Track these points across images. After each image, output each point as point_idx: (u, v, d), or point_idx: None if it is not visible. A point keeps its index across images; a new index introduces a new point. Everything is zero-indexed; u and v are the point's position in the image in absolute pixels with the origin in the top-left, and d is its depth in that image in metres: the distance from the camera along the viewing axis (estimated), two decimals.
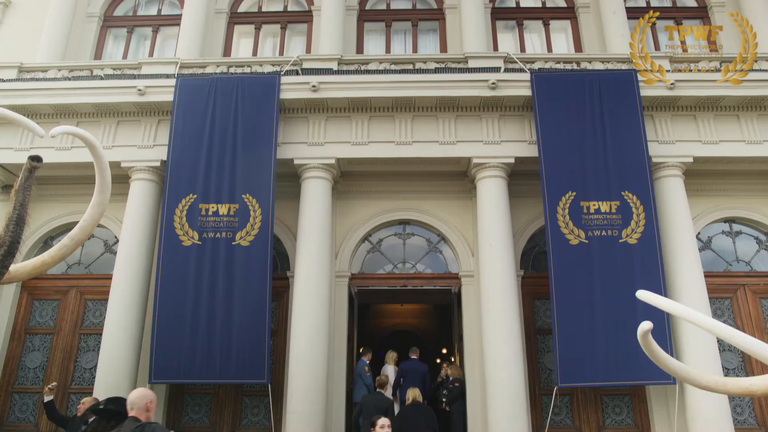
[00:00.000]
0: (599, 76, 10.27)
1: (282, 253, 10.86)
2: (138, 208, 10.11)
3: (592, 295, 9.24)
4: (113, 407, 4.44)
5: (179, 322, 9.26)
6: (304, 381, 8.93)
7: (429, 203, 11.05)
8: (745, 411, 10.01)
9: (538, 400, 9.94)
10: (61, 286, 10.98)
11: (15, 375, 10.51)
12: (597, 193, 9.66)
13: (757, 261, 11.01)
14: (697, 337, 9.01)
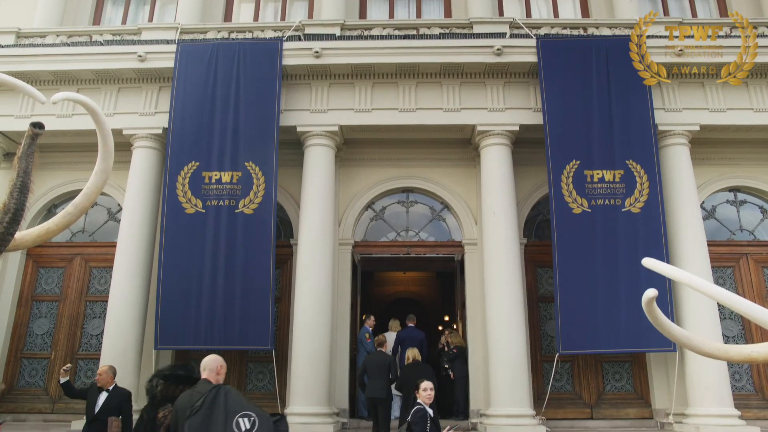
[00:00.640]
0: (606, 41, 10.10)
1: (285, 221, 10.87)
2: (141, 176, 10.09)
3: (594, 263, 9.27)
4: (182, 372, 4.65)
5: (183, 289, 9.34)
6: (308, 347, 9.03)
7: (432, 171, 11.00)
8: (743, 378, 10.14)
9: (539, 367, 10.06)
10: (66, 253, 11.05)
11: (23, 341, 10.66)
12: (601, 161, 9.60)
13: (761, 230, 11.00)
14: (698, 305, 9.06)
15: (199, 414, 3.75)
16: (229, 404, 3.84)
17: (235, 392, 4.06)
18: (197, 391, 4.02)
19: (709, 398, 8.81)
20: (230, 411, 3.80)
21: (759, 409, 9.85)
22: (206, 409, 3.78)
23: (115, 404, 6.50)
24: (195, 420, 3.72)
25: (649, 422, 9.75)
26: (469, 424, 9.55)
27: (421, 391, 5.57)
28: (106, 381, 6.71)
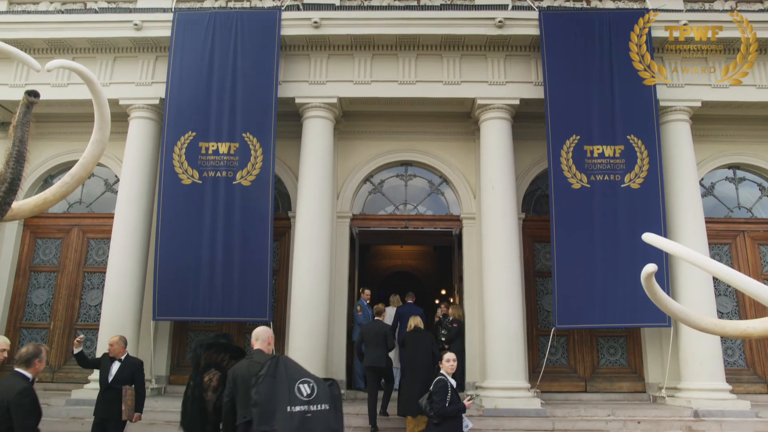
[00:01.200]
0: (610, 15, 9.96)
1: (283, 193, 10.84)
2: (138, 147, 10.00)
3: (592, 238, 9.29)
4: (224, 341, 5.10)
5: (181, 261, 9.35)
6: (306, 320, 9.09)
7: (431, 144, 10.94)
8: (735, 353, 10.27)
9: (535, 341, 10.16)
10: (63, 224, 11.02)
11: (22, 311, 10.70)
12: (602, 136, 9.55)
13: (758, 208, 11.01)
14: (694, 282, 9.13)
15: (265, 381, 4.09)
16: (289, 372, 4.20)
17: (291, 361, 4.42)
18: (255, 361, 4.42)
19: (701, 373, 8.94)
20: (291, 378, 4.16)
21: (750, 383, 10.01)
22: (270, 377, 4.11)
23: (128, 373, 6.61)
24: (262, 387, 4.07)
25: (642, 396, 9.91)
26: (464, 396, 9.66)
27: (444, 362, 5.68)
28: (117, 351, 6.79)
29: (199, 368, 4.85)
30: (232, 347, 5.06)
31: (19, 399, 3.98)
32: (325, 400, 4.17)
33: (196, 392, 4.63)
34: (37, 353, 4.37)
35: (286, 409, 4.03)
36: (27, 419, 3.98)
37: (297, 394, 4.09)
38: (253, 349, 4.70)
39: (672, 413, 8.60)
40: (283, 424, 3.97)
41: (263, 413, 4.03)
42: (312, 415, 4.07)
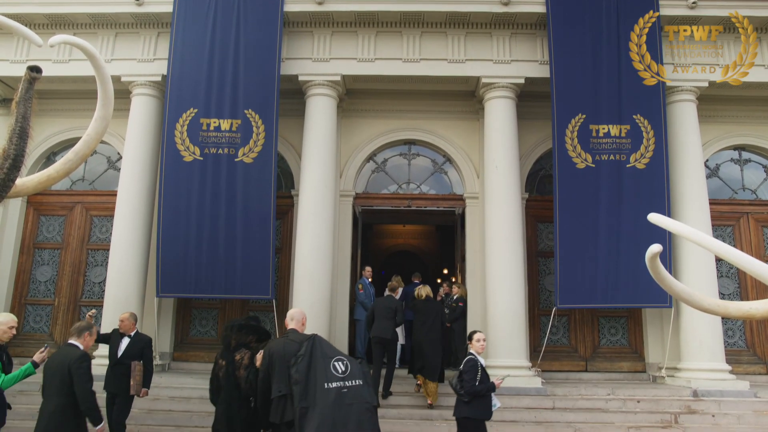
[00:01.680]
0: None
1: (286, 172, 10.82)
2: (140, 124, 9.96)
3: (595, 219, 9.28)
4: (254, 323, 5.45)
5: (183, 238, 9.37)
6: (309, 297, 9.12)
7: (435, 123, 10.88)
8: (735, 334, 10.32)
9: (536, 320, 10.22)
10: (67, 201, 11.03)
11: (27, 288, 10.77)
12: (608, 116, 9.47)
13: (763, 189, 10.97)
14: (697, 263, 9.13)
15: (304, 360, 4.43)
16: (324, 351, 4.56)
17: (325, 341, 4.80)
18: (291, 340, 4.76)
19: (702, 353, 8.99)
20: (327, 356, 4.51)
21: (749, 364, 10.08)
22: (308, 356, 4.45)
23: (137, 349, 6.71)
24: (301, 366, 4.41)
25: (642, 375, 9.99)
26: None
27: (474, 341, 5.72)
28: (128, 327, 6.90)
29: (230, 348, 5.14)
30: (260, 329, 5.39)
31: (78, 364, 4.55)
32: (358, 376, 4.52)
33: (230, 369, 4.95)
34: (88, 327, 4.91)
35: (323, 385, 4.35)
36: (85, 382, 4.55)
37: (333, 371, 4.43)
38: (288, 328, 5.03)
39: (671, 393, 8.68)
40: (321, 400, 4.28)
41: (304, 390, 4.34)
42: (347, 390, 4.39)
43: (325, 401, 4.29)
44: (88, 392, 4.54)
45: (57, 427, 4.45)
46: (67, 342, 4.83)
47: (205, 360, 10.17)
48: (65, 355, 4.62)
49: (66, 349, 4.72)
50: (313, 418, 4.23)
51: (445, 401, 8.38)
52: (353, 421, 4.28)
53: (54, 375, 4.56)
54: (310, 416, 4.25)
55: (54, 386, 4.55)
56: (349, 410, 4.31)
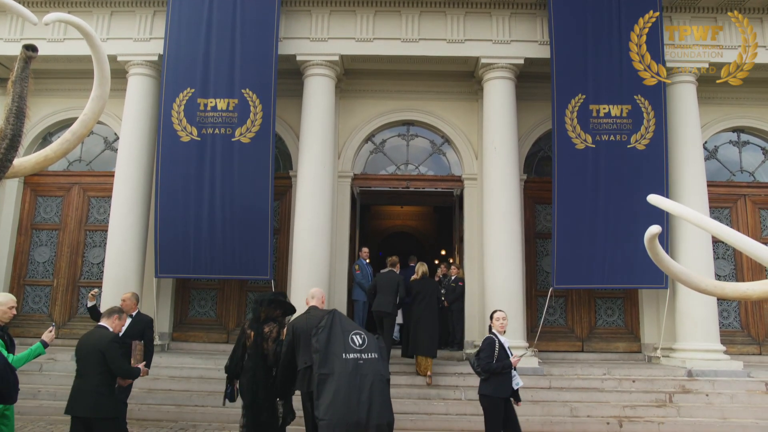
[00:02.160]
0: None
1: (284, 152, 10.78)
2: (137, 104, 9.88)
3: (594, 200, 9.29)
4: (282, 299, 5.79)
5: (182, 219, 9.37)
6: (308, 278, 9.14)
7: (434, 104, 10.82)
8: (730, 315, 10.41)
9: (533, 301, 10.28)
10: (64, 182, 10.99)
11: (25, 269, 10.78)
12: (608, 96, 9.43)
13: (761, 172, 10.98)
14: (694, 244, 9.18)
15: (324, 331, 4.78)
16: (343, 325, 4.94)
17: (344, 316, 5.18)
18: (312, 315, 5.18)
19: (696, 334, 9.07)
20: (345, 330, 4.87)
21: (743, 345, 10.18)
22: (328, 328, 4.81)
23: (138, 329, 6.73)
24: (321, 336, 4.76)
25: (637, 356, 10.09)
26: (463, 354, 9.84)
27: (494, 320, 5.79)
28: (129, 307, 6.93)
29: (259, 320, 5.51)
30: (287, 304, 5.75)
31: (112, 345, 4.93)
32: (374, 349, 4.86)
33: (258, 340, 5.31)
34: (118, 311, 5.29)
35: (342, 355, 4.70)
36: (119, 360, 4.95)
37: (351, 343, 4.79)
38: (308, 305, 5.48)
39: (666, 372, 8.78)
40: (339, 368, 4.62)
41: (323, 358, 4.70)
42: (364, 362, 4.72)
43: (343, 370, 4.61)
44: (123, 369, 4.99)
45: (96, 403, 4.82)
46: (98, 324, 5.18)
47: (203, 340, 10.25)
48: (98, 337, 4.97)
49: (98, 332, 5.07)
50: (330, 385, 4.57)
51: (443, 380, 8.48)
52: (367, 391, 4.59)
53: (88, 356, 4.91)
54: (328, 383, 4.60)
55: (90, 366, 4.90)
56: (364, 381, 4.62)
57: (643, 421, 7.74)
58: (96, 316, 7.27)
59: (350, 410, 4.49)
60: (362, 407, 4.51)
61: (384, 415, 4.60)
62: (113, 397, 5.01)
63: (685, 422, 7.73)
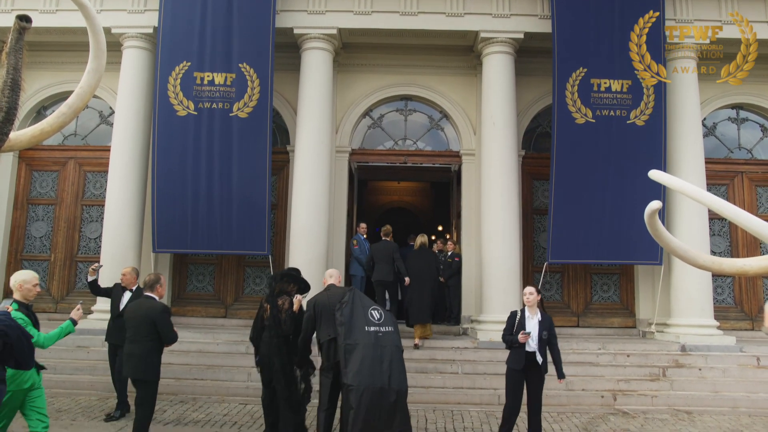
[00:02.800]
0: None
1: (282, 127, 10.70)
2: (132, 78, 9.75)
3: (593, 175, 9.30)
4: (294, 273, 6.17)
5: (179, 194, 9.33)
6: (305, 253, 9.16)
7: (432, 79, 10.72)
8: (724, 291, 10.50)
9: (530, 277, 10.33)
10: (59, 157, 10.91)
11: (22, 243, 10.75)
12: (609, 70, 9.36)
13: (759, 149, 10.98)
14: (691, 221, 9.22)
15: (348, 306, 5.28)
16: (363, 301, 5.49)
17: (361, 293, 5.78)
18: (332, 293, 5.64)
19: (691, 309, 9.16)
20: (365, 305, 5.41)
21: (736, 320, 10.30)
22: (350, 304, 5.32)
23: None
24: (345, 310, 5.25)
25: (632, 331, 10.19)
26: (460, 329, 9.93)
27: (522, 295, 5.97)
28: (129, 281, 6.96)
29: (274, 294, 5.89)
30: (299, 279, 6.08)
31: (163, 314, 5.35)
32: (391, 323, 5.40)
33: (273, 312, 5.71)
34: (158, 280, 5.58)
35: (364, 328, 5.21)
36: (170, 328, 5.36)
37: (370, 317, 5.32)
38: (326, 284, 5.89)
39: (660, 347, 8.89)
40: (363, 339, 5.13)
41: (348, 330, 5.18)
42: (383, 335, 5.25)
43: (366, 341, 5.14)
44: (172, 335, 5.38)
45: (147, 365, 5.30)
46: (144, 294, 5.55)
47: (202, 315, 10.29)
48: (149, 307, 5.37)
49: (147, 302, 5.44)
50: (357, 354, 5.07)
51: (440, 354, 8.57)
52: (387, 360, 5.12)
53: (140, 324, 5.32)
54: (355, 352, 5.09)
55: (141, 333, 5.31)
56: (384, 351, 5.16)
57: (636, 394, 7.86)
58: (96, 291, 7.29)
59: (375, 377, 4.99)
60: (384, 375, 5.03)
61: (402, 382, 5.15)
62: (159, 361, 5.45)
63: (677, 396, 7.86)
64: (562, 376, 5.78)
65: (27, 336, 4.14)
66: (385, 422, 4.97)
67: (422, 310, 8.68)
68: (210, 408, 7.16)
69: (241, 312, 10.33)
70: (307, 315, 5.61)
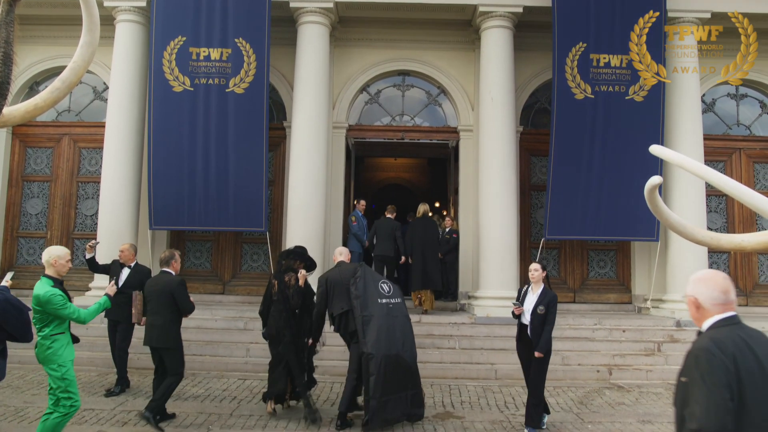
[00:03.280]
0: None
1: (278, 103, 10.60)
2: (126, 53, 9.59)
3: (591, 151, 9.27)
4: (300, 251, 6.37)
5: (175, 170, 9.28)
6: (303, 229, 9.15)
7: (430, 54, 10.60)
8: (720, 267, 10.56)
9: (527, 253, 10.37)
10: (53, 133, 10.81)
11: (18, 221, 10.71)
12: (609, 45, 9.27)
13: (757, 125, 10.95)
14: (688, 198, 9.24)
15: (361, 281, 5.72)
16: (373, 275, 6.03)
17: (371, 268, 6.38)
18: (343, 269, 5.99)
19: (686, 285, 9.18)
20: (375, 279, 5.91)
21: None
22: (363, 278, 5.76)
23: (137, 280, 6.76)
24: (360, 284, 5.69)
25: (628, 307, 10.28)
26: (457, 305, 9.99)
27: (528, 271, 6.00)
28: (128, 257, 6.99)
29: (281, 271, 6.13)
30: (305, 256, 6.30)
31: (179, 287, 5.67)
32: (399, 295, 5.95)
33: (281, 287, 5.96)
34: (172, 256, 5.90)
35: (377, 300, 5.68)
36: (187, 299, 5.69)
37: (381, 290, 5.81)
38: (336, 261, 6.19)
39: (655, 323, 8.97)
40: (377, 311, 5.60)
41: (364, 304, 5.62)
42: (393, 306, 5.77)
43: (380, 312, 5.61)
44: (190, 305, 5.71)
45: (167, 334, 5.63)
46: (161, 270, 5.84)
47: (200, 291, 10.29)
48: (167, 281, 5.72)
49: (165, 276, 5.78)
50: (374, 324, 5.54)
51: (437, 330, 8.62)
52: (399, 329, 5.69)
53: (159, 296, 5.66)
54: (372, 323, 5.54)
55: (161, 305, 5.65)
56: (395, 321, 5.69)
57: (632, 369, 7.96)
58: (94, 267, 7.28)
59: (390, 345, 5.51)
60: (398, 342, 5.59)
61: (413, 348, 5.80)
62: (179, 330, 5.75)
63: (672, 370, 7.93)
64: (536, 348, 5.64)
65: (19, 310, 4.17)
66: (402, 384, 5.55)
67: (430, 276, 9.12)
68: (209, 383, 7.22)
69: (239, 288, 10.36)
70: (321, 290, 5.92)
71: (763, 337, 2.23)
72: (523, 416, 5.93)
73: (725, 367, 2.05)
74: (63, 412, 4.34)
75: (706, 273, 2.38)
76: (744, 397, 2.04)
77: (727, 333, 2.19)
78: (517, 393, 7.04)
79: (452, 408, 6.41)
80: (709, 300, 2.28)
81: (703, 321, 2.29)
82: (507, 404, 6.66)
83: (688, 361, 2.19)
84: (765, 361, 2.11)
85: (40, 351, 4.38)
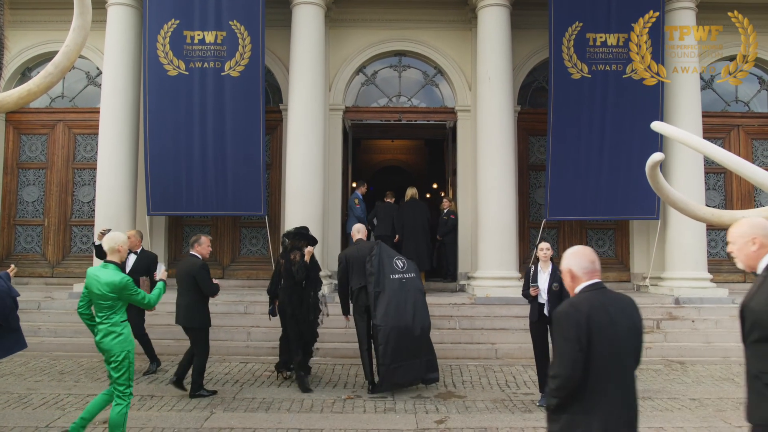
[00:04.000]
0: None
1: (274, 86, 10.50)
2: (118, 37, 9.45)
3: (589, 130, 9.23)
4: (304, 231, 6.73)
5: (172, 155, 9.22)
6: (301, 212, 9.09)
7: (427, 34, 10.49)
8: (718, 245, 10.59)
9: (526, 233, 10.37)
10: (47, 119, 10.72)
11: (15, 209, 10.66)
12: (605, 24, 9.18)
13: (755, 102, 10.90)
14: (686, 175, 9.22)
15: (376, 258, 6.19)
16: (388, 252, 6.47)
17: (387, 246, 6.72)
18: (361, 246, 6.53)
19: (685, 263, 9.26)
20: (390, 256, 6.38)
21: (729, 273, 10.41)
22: (378, 256, 6.22)
23: (143, 265, 6.87)
24: (375, 261, 6.16)
25: (626, 285, 10.31)
26: (456, 286, 10.02)
27: (538, 250, 6.14)
28: (134, 244, 6.99)
29: (287, 249, 6.55)
30: (309, 236, 6.68)
31: (202, 270, 5.98)
32: (413, 270, 6.41)
33: (287, 265, 6.35)
34: (197, 240, 6.18)
35: (390, 276, 6.15)
36: (208, 282, 5.99)
37: (395, 266, 6.28)
38: (354, 239, 6.78)
39: (654, 300, 9.01)
40: (388, 286, 6.09)
41: (377, 280, 6.09)
42: (406, 281, 6.25)
43: (392, 287, 6.08)
44: (210, 287, 6.01)
45: (192, 313, 6.02)
46: (189, 253, 6.20)
47: None
48: (191, 264, 6.06)
49: (191, 260, 6.13)
50: (383, 299, 6.02)
51: (437, 311, 8.56)
52: (410, 303, 6.12)
53: (184, 278, 6.05)
54: (381, 297, 6.02)
55: (185, 286, 6.03)
56: (407, 295, 6.13)
57: None
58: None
59: (400, 316, 5.97)
60: (408, 314, 6.02)
61: (425, 319, 6.22)
62: (204, 311, 6.08)
63: (671, 347, 8.01)
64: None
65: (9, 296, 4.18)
66: (413, 352, 6.02)
67: (420, 258, 9.42)
68: (211, 367, 7.24)
69: (238, 272, 10.36)
70: (341, 267, 6.45)
71: (620, 299, 2.65)
72: (524, 394, 5.98)
73: (577, 323, 2.45)
74: (126, 401, 4.32)
75: (577, 248, 2.75)
76: (593, 347, 2.44)
77: (587, 296, 2.57)
78: (518, 372, 7.09)
79: (454, 387, 6.46)
80: (581, 269, 2.63)
81: (575, 287, 2.65)
82: (508, 383, 6.70)
83: (554, 322, 2.62)
84: (615, 317, 2.52)
85: (108, 339, 4.31)
